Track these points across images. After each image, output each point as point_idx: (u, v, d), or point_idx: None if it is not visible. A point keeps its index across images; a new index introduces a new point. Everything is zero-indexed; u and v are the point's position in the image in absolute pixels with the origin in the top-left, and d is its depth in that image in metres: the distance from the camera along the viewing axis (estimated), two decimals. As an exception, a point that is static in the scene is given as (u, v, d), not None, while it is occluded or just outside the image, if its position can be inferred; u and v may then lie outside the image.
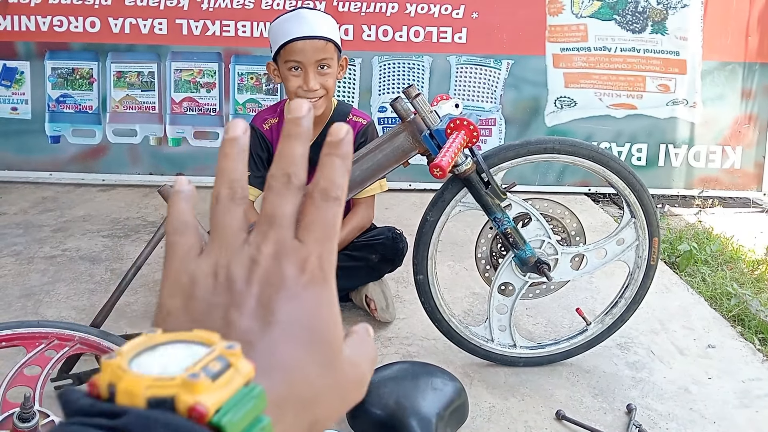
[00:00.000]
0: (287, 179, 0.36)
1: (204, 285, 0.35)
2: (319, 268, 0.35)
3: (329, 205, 0.35)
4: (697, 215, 3.23)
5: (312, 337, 0.34)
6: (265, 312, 0.33)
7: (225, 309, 0.33)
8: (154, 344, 0.30)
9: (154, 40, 3.36)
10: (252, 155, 2.03)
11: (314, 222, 0.35)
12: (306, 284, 0.34)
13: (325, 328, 0.34)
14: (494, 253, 1.81)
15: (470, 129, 1.51)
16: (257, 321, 0.33)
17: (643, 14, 3.37)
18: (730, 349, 1.98)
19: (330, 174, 0.36)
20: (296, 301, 0.34)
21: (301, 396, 0.32)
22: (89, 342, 1.48)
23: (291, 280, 0.34)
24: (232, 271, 0.34)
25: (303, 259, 0.34)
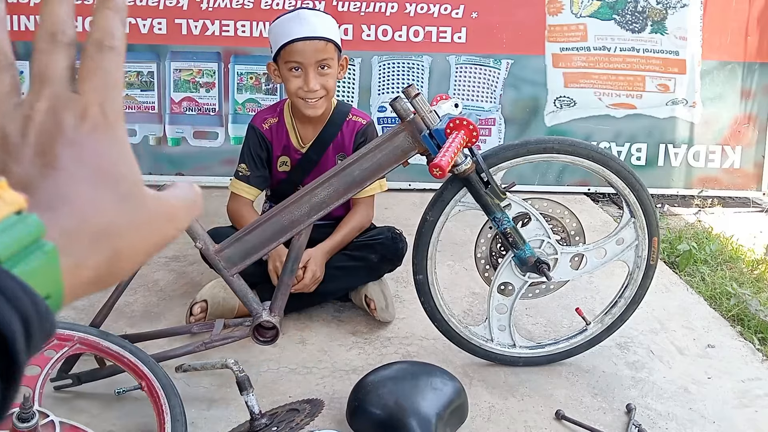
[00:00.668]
0: (52, 37, 0.35)
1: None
2: (101, 114, 0.34)
3: (105, 55, 0.35)
4: (696, 215, 3.23)
5: (102, 175, 0.33)
6: (45, 159, 0.32)
7: (2, 165, 0.33)
8: None
9: (153, 39, 3.35)
10: (251, 154, 2.03)
11: (91, 72, 0.34)
12: (88, 132, 0.34)
13: (115, 166, 0.34)
14: (494, 252, 1.81)
15: (470, 129, 1.51)
16: (37, 167, 0.32)
17: (642, 14, 3.37)
18: (730, 348, 1.98)
19: (103, 24, 0.35)
20: (79, 147, 0.33)
21: (94, 226, 0.32)
22: (88, 342, 1.48)
23: (70, 128, 0.33)
24: (5, 128, 0.33)
25: (82, 109, 0.34)
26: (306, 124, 2.05)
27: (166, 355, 1.60)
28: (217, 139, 3.42)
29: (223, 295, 1.96)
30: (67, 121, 0.33)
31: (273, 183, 2.11)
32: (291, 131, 2.06)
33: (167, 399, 1.38)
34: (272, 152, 2.06)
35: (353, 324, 2.06)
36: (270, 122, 2.06)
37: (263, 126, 2.05)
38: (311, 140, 2.05)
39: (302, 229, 1.62)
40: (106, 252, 0.33)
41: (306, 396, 1.65)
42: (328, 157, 2.06)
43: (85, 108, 0.34)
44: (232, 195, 2.04)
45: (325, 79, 1.92)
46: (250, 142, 2.05)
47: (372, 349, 1.92)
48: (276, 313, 1.64)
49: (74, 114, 0.34)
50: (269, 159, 2.07)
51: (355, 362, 1.85)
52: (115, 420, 1.58)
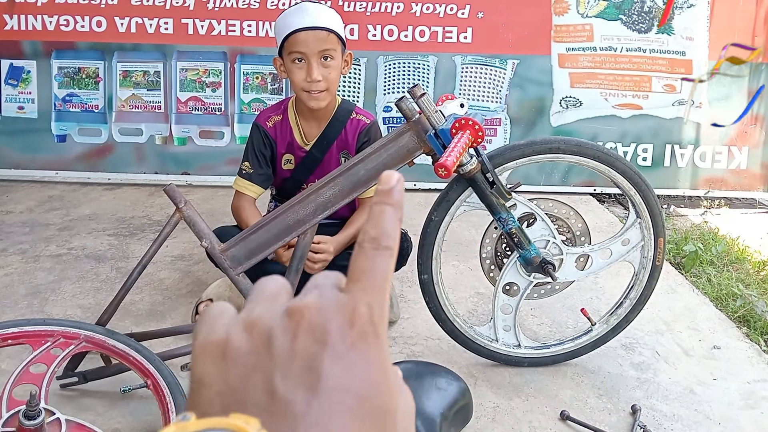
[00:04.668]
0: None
1: (237, 343, 0.30)
2: (369, 321, 0.30)
3: (380, 253, 0.32)
4: (702, 216, 3.22)
5: (367, 407, 0.29)
6: (311, 376, 0.29)
7: (265, 372, 0.29)
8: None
9: (159, 39, 3.37)
10: (255, 152, 2.04)
11: (364, 272, 0.32)
12: (355, 341, 0.30)
13: (381, 395, 0.30)
14: (499, 253, 1.80)
15: (475, 129, 1.51)
16: (303, 388, 0.29)
17: (649, 14, 3.36)
18: (736, 350, 1.98)
19: (381, 223, 0.33)
20: (345, 362, 0.29)
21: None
22: (95, 340, 1.49)
23: (337, 335, 0.30)
24: (269, 325, 0.30)
25: (351, 311, 0.30)
26: (310, 121, 2.06)
27: (172, 353, 1.61)
28: (223, 138, 3.43)
29: (228, 294, 1.97)
30: (335, 324, 0.30)
31: (277, 181, 2.12)
32: (295, 128, 2.06)
33: (173, 397, 1.38)
34: (276, 150, 2.07)
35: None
36: (274, 120, 2.06)
37: (267, 124, 2.06)
38: (315, 138, 2.05)
39: (308, 228, 1.62)
40: None
41: (311, 395, 1.65)
42: (331, 155, 2.07)
43: (354, 310, 0.30)
44: (236, 192, 2.05)
45: (328, 71, 1.92)
46: (253, 140, 2.05)
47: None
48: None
49: (342, 316, 0.30)
50: (273, 157, 2.07)
51: (359, 362, 1.85)
52: (120, 418, 1.58)
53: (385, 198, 0.34)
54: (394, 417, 0.30)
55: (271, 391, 0.29)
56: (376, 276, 0.32)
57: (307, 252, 1.66)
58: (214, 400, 0.29)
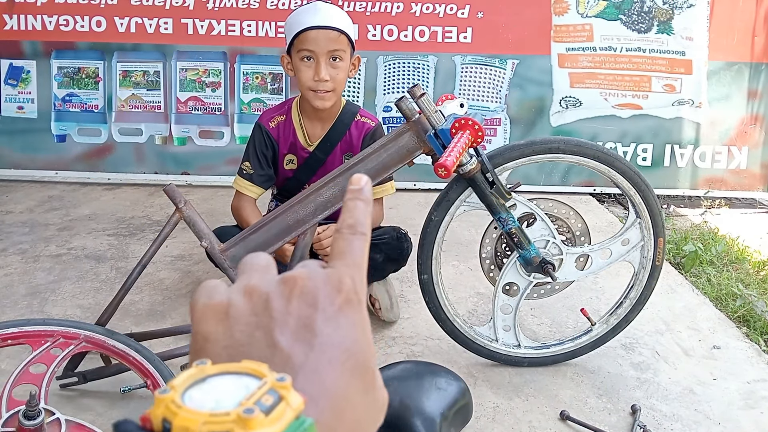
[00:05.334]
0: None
1: (238, 305, 0.34)
2: (353, 290, 0.35)
3: (357, 237, 0.38)
4: (702, 216, 3.22)
5: (354, 362, 0.33)
6: (307, 332, 0.33)
7: (266, 329, 0.33)
8: (205, 376, 0.30)
9: (159, 39, 3.37)
10: (256, 153, 2.04)
11: (344, 251, 0.37)
12: (342, 306, 0.34)
13: (363, 352, 0.34)
14: (499, 253, 1.80)
15: (475, 129, 1.51)
16: (300, 343, 0.33)
17: (648, 14, 3.36)
18: (735, 350, 1.98)
19: (355, 213, 0.39)
20: (334, 324, 0.34)
21: (347, 423, 0.32)
22: (94, 340, 1.49)
23: (327, 300, 0.34)
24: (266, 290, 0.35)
25: (337, 280, 0.35)
26: (314, 122, 2.06)
27: (172, 353, 1.61)
28: (223, 138, 3.43)
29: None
30: (325, 291, 0.34)
31: (279, 181, 2.12)
32: (298, 129, 2.06)
33: (172, 397, 1.38)
34: (278, 151, 2.06)
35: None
36: (277, 120, 2.06)
37: (270, 124, 2.06)
38: (319, 138, 2.05)
39: (307, 228, 1.62)
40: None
41: (310, 395, 1.65)
42: (335, 157, 2.06)
43: (340, 279, 0.35)
44: (236, 193, 2.05)
45: (336, 71, 1.92)
46: (255, 140, 2.05)
47: (377, 348, 1.92)
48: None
49: (330, 284, 0.35)
50: (275, 158, 2.07)
51: (359, 362, 1.85)
52: (120, 418, 1.58)
53: (357, 194, 0.40)
54: (374, 374, 0.35)
55: (272, 345, 0.33)
56: (355, 255, 0.37)
57: (307, 252, 1.66)
58: (221, 353, 0.33)
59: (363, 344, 0.34)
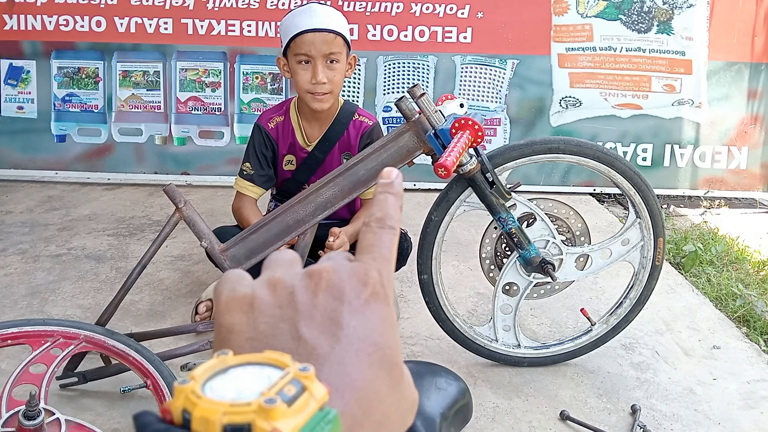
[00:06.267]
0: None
1: (263, 297, 0.34)
2: (380, 283, 0.34)
3: (386, 231, 0.37)
4: (702, 216, 3.22)
5: (381, 355, 0.33)
6: (332, 325, 0.32)
7: (291, 321, 0.33)
8: (226, 367, 0.29)
9: (159, 39, 3.37)
10: (256, 153, 2.04)
11: (372, 245, 0.36)
12: (368, 299, 0.34)
13: (389, 347, 0.33)
14: (499, 253, 1.80)
15: (475, 129, 1.51)
16: (325, 335, 0.32)
17: (648, 14, 3.36)
18: (735, 350, 1.98)
19: (385, 207, 0.38)
20: (361, 317, 0.33)
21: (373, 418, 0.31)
22: (94, 340, 1.49)
23: (353, 293, 0.34)
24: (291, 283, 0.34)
25: (363, 274, 0.34)
26: (312, 122, 2.06)
27: (172, 353, 1.61)
28: (223, 138, 3.43)
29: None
30: (351, 283, 0.34)
31: (278, 182, 2.12)
32: (297, 129, 2.06)
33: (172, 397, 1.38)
34: (278, 151, 2.07)
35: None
36: (276, 121, 2.06)
37: (269, 125, 2.06)
38: (317, 139, 2.05)
39: (307, 228, 1.62)
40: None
41: (310, 395, 1.65)
42: (333, 156, 2.06)
43: (367, 273, 0.34)
44: (237, 193, 2.05)
45: (333, 73, 1.92)
46: (255, 141, 2.05)
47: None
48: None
49: (356, 277, 0.34)
50: (275, 158, 2.07)
51: (359, 362, 1.85)
52: (120, 418, 1.58)
53: (387, 188, 0.39)
54: (401, 370, 0.34)
55: (297, 337, 0.32)
56: (383, 249, 0.36)
57: (307, 252, 1.66)
58: (244, 345, 0.33)
59: (390, 338, 0.34)
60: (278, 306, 0.34)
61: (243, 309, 0.34)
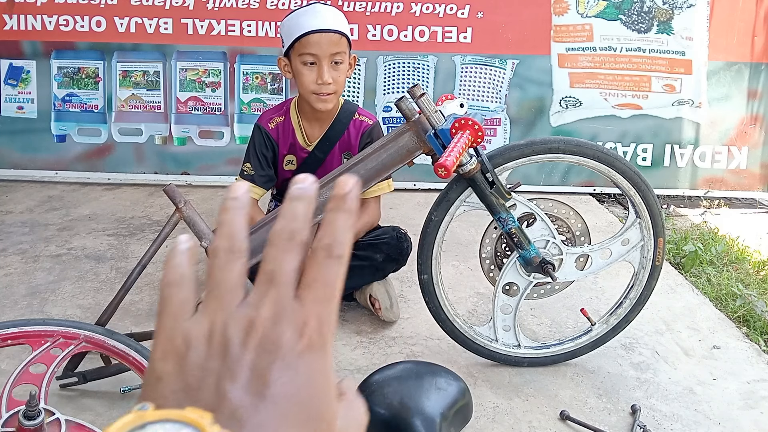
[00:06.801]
0: (290, 236, 0.35)
1: (198, 348, 0.33)
2: (318, 332, 0.33)
3: (332, 262, 0.34)
4: (702, 216, 3.22)
5: (306, 414, 0.32)
6: (260, 383, 0.32)
7: (218, 377, 0.32)
8: (143, 423, 0.29)
9: (159, 39, 3.37)
10: (257, 154, 2.04)
11: (316, 280, 0.34)
12: (303, 351, 0.33)
13: (320, 403, 0.33)
14: (499, 253, 1.80)
15: (475, 129, 1.51)
16: (250, 394, 0.32)
17: (648, 14, 3.36)
18: (735, 350, 1.98)
19: (334, 231, 0.35)
20: (292, 372, 0.32)
21: None
22: (94, 340, 1.49)
23: (288, 346, 0.33)
24: (228, 334, 0.33)
25: (302, 322, 0.33)
26: (312, 122, 2.06)
27: (172, 353, 1.60)
28: (223, 138, 3.43)
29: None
30: (287, 336, 0.33)
31: (279, 182, 2.12)
32: (297, 129, 2.06)
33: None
34: (278, 151, 2.07)
35: (358, 323, 2.06)
36: (276, 121, 2.06)
37: (269, 125, 2.06)
38: (317, 138, 2.06)
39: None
40: None
41: (310, 395, 1.65)
42: (334, 156, 2.07)
43: (305, 321, 0.33)
44: (237, 194, 2.05)
45: (337, 74, 1.92)
46: (255, 141, 2.05)
47: (376, 348, 1.93)
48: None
49: (294, 327, 0.33)
50: (275, 158, 2.07)
51: (359, 362, 1.85)
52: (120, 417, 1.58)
53: (339, 203, 0.35)
54: (331, 425, 0.33)
55: (222, 394, 0.32)
56: (328, 284, 0.34)
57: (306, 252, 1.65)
58: (169, 397, 0.32)
59: (320, 393, 0.33)
60: (209, 358, 0.33)
61: (176, 359, 0.33)
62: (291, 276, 0.34)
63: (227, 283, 0.35)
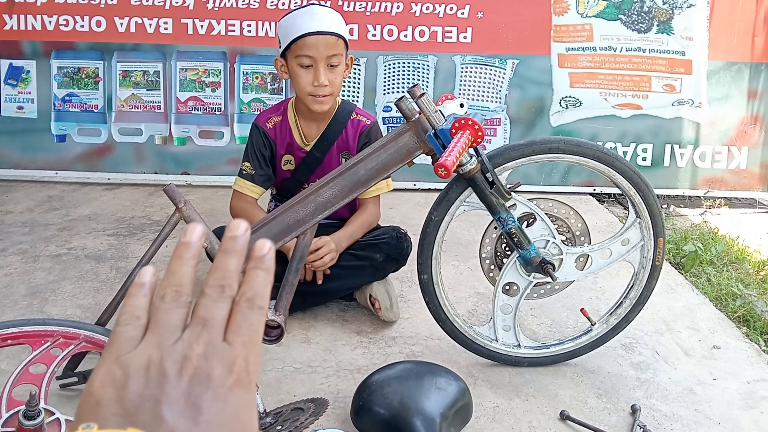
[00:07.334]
0: (221, 289, 0.40)
1: (137, 378, 0.37)
2: (245, 370, 0.38)
3: (254, 312, 0.39)
4: (702, 216, 3.22)
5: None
6: (193, 410, 0.36)
7: (155, 403, 0.36)
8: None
9: (159, 39, 3.37)
10: (255, 153, 2.04)
11: (241, 327, 0.39)
12: (232, 386, 0.37)
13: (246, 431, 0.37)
14: (499, 252, 1.80)
15: (475, 129, 1.51)
16: (185, 418, 0.35)
17: (648, 14, 3.36)
18: (735, 350, 1.98)
19: (255, 285, 0.40)
20: (222, 403, 0.36)
21: None
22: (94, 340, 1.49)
23: (218, 380, 0.37)
24: (165, 366, 0.37)
25: (231, 361, 0.38)
26: (310, 122, 2.06)
27: (172, 353, 1.60)
28: (223, 138, 3.43)
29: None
30: (218, 371, 0.37)
31: (277, 182, 2.12)
32: (295, 129, 2.06)
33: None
34: (276, 151, 2.07)
35: (358, 323, 2.06)
36: (274, 121, 2.07)
37: (267, 125, 2.06)
38: (315, 138, 2.06)
39: (307, 228, 1.62)
40: None
41: (310, 395, 1.65)
42: (332, 156, 2.07)
43: (234, 360, 0.38)
44: (236, 193, 2.05)
45: (334, 76, 1.92)
46: (253, 140, 2.05)
47: (376, 348, 1.93)
48: (281, 312, 1.64)
49: (224, 364, 0.38)
50: (273, 158, 2.08)
51: (359, 362, 1.85)
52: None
53: (259, 264, 0.41)
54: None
55: (159, 418, 0.35)
56: (251, 331, 0.39)
57: (306, 252, 1.66)
58: (109, 419, 0.35)
59: (246, 424, 0.37)
60: (147, 387, 0.36)
61: (116, 385, 0.37)
62: (221, 322, 0.39)
63: (168, 324, 0.39)
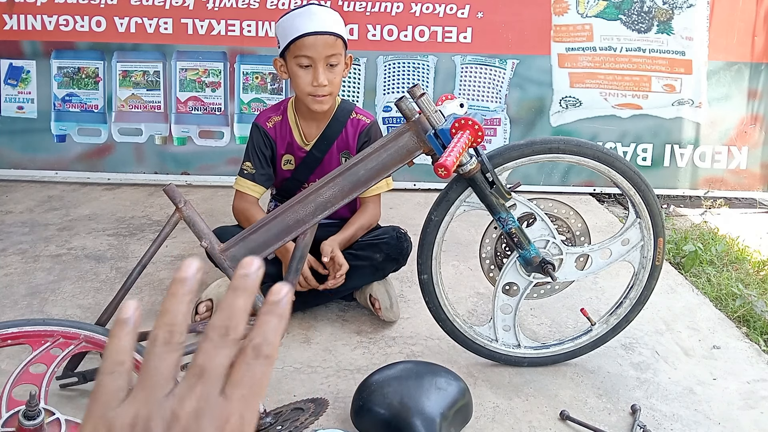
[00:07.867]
0: (225, 331, 0.37)
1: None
2: (238, 430, 0.35)
3: (260, 362, 0.36)
4: (702, 216, 3.22)
5: None
6: None
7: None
8: None
9: (159, 39, 3.37)
10: (256, 152, 2.04)
11: (243, 379, 0.36)
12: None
13: None
14: (499, 253, 1.80)
15: (475, 129, 1.51)
16: None
17: (648, 14, 3.36)
18: (735, 350, 1.98)
19: (265, 332, 0.37)
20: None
21: None
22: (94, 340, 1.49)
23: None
24: (151, 426, 0.35)
25: (224, 419, 0.35)
26: (310, 122, 2.06)
27: (172, 353, 1.60)
28: (223, 138, 3.43)
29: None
30: (209, 429, 0.35)
31: (278, 181, 2.12)
32: (295, 129, 2.06)
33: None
34: (276, 151, 2.07)
35: (358, 323, 2.06)
36: (274, 120, 2.07)
37: (267, 124, 2.06)
38: (315, 138, 2.06)
39: (307, 228, 1.62)
40: None
41: (310, 395, 1.65)
42: (332, 155, 2.07)
43: (227, 419, 0.35)
44: (237, 193, 2.05)
45: (333, 75, 1.92)
46: (254, 140, 2.05)
47: (376, 348, 1.93)
48: (281, 312, 1.64)
49: (216, 424, 0.35)
50: (273, 157, 2.08)
51: (359, 362, 1.85)
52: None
53: (272, 308, 0.38)
54: None
55: None
56: (254, 384, 0.36)
57: (306, 252, 1.66)
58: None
59: None
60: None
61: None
62: (220, 371, 0.36)
63: (159, 374, 0.36)
